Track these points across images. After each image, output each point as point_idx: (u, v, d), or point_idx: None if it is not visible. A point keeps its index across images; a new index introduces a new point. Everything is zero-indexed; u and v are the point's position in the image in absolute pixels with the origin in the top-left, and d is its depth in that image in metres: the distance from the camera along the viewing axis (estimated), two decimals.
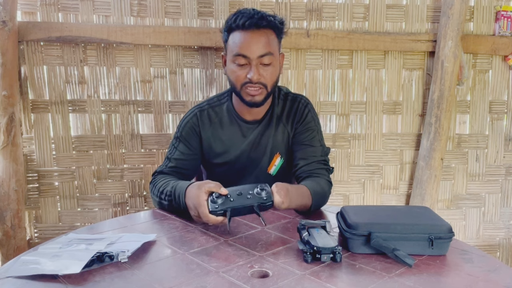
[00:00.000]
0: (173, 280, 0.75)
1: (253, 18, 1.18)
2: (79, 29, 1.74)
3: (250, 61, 1.19)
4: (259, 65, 1.19)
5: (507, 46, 1.98)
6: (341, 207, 1.01)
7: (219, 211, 0.92)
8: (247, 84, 1.20)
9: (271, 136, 1.32)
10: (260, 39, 1.18)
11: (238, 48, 1.19)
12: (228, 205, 0.92)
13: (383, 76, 2.01)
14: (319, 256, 0.83)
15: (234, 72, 1.22)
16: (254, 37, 1.18)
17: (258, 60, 1.19)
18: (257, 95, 1.21)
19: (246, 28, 1.18)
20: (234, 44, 1.20)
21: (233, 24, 1.20)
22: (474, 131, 2.08)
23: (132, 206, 1.94)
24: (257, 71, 1.19)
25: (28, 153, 1.83)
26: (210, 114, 1.33)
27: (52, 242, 0.90)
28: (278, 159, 1.33)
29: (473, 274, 0.79)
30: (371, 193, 2.07)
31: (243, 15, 1.19)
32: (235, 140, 1.32)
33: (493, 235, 2.16)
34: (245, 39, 1.18)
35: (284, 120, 1.33)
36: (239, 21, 1.19)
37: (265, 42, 1.19)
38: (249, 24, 1.17)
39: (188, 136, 1.31)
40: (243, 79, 1.20)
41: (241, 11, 1.22)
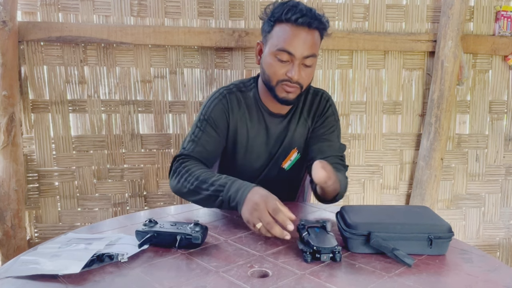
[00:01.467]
0: (173, 280, 0.75)
1: (307, 15, 1.11)
2: (79, 29, 1.74)
3: (294, 59, 1.13)
4: (301, 65, 1.14)
5: (507, 46, 1.98)
6: (341, 207, 1.01)
7: (143, 232, 0.89)
8: (285, 82, 1.15)
9: (292, 131, 1.28)
10: (309, 39, 1.12)
11: (285, 43, 1.12)
12: (153, 229, 0.89)
13: (383, 76, 2.01)
14: (318, 256, 0.83)
15: (272, 66, 1.15)
16: (304, 35, 1.12)
17: (302, 60, 1.13)
18: (291, 92, 1.16)
19: (298, 24, 1.11)
20: (281, 38, 1.13)
21: (284, 16, 1.12)
22: (474, 131, 2.08)
23: (132, 206, 1.94)
24: (299, 71, 1.13)
25: (28, 153, 1.83)
26: (238, 98, 1.26)
27: (51, 242, 0.90)
28: (295, 154, 1.30)
29: (472, 274, 0.79)
30: (371, 193, 2.08)
31: (296, 10, 1.12)
32: (259, 131, 1.27)
33: (493, 235, 2.16)
34: (294, 36, 1.11)
35: (305, 114, 1.29)
36: (291, 15, 1.11)
37: (313, 43, 1.14)
38: (303, 21, 1.10)
39: (216, 118, 1.23)
40: (282, 75, 1.15)
41: (292, 4, 1.14)
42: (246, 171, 1.29)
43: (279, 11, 1.14)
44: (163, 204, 1.96)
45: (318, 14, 1.15)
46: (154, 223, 0.91)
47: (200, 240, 0.88)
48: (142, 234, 0.89)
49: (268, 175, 1.31)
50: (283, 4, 1.15)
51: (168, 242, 0.89)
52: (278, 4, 1.16)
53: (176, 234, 0.88)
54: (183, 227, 0.90)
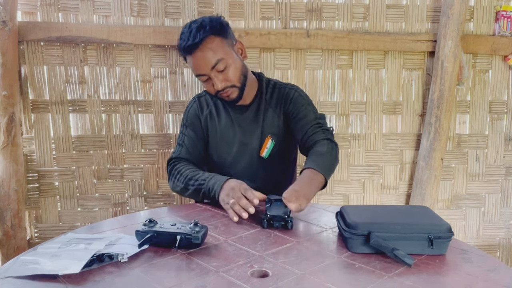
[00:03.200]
0: (173, 280, 0.75)
1: (189, 40, 1.24)
2: (79, 29, 1.74)
3: (209, 75, 1.27)
4: (217, 74, 1.27)
5: (507, 46, 1.98)
6: (341, 207, 1.01)
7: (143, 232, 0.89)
8: (219, 93, 1.30)
9: (260, 120, 1.40)
10: (204, 55, 1.24)
11: (194, 70, 1.30)
12: (153, 229, 0.89)
13: (383, 76, 2.01)
14: (272, 222, 1.02)
15: (205, 87, 1.34)
16: (199, 56, 1.25)
17: (214, 71, 1.26)
18: (230, 94, 1.31)
19: (190, 52, 1.26)
20: (191, 66, 1.31)
21: (181, 51, 1.29)
22: (474, 131, 2.08)
23: (132, 206, 1.94)
24: (218, 81, 1.27)
25: (28, 153, 1.83)
26: (207, 100, 1.45)
27: (51, 242, 0.90)
28: (270, 141, 1.40)
29: (472, 273, 0.79)
30: (371, 193, 2.08)
31: (182, 40, 1.26)
32: (227, 123, 1.42)
33: (493, 235, 2.16)
34: (193, 61, 1.27)
35: (273, 105, 1.41)
36: (181, 47, 1.27)
37: (210, 54, 1.24)
38: (189, 47, 1.24)
39: (192, 121, 1.43)
40: (214, 90, 1.30)
41: (182, 33, 1.28)
42: (225, 163, 1.43)
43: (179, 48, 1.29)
44: (163, 204, 1.96)
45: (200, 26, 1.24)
46: (154, 223, 0.91)
47: (200, 240, 0.88)
48: (142, 234, 0.89)
49: (249, 165, 1.42)
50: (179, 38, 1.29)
51: (168, 242, 0.89)
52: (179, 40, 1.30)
53: (176, 234, 0.88)
54: (183, 227, 0.90)
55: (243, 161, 1.41)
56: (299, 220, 1.10)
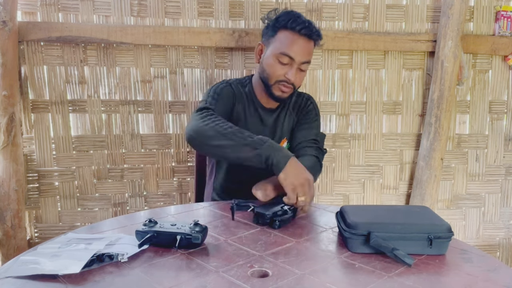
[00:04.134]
0: (173, 280, 0.75)
1: (308, 28, 1.30)
2: (79, 29, 1.74)
3: (293, 63, 1.30)
4: (298, 69, 1.32)
5: (507, 46, 1.98)
6: (341, 206, 1.01)
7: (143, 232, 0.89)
8: (283, 82, 1.32)
9: (280, 123, 1.45)
10: (307, 47, 1.32)
11: (287, 48, 1.29)
12: (153, 229, 0.89)
13: (383, 76, 2.01)
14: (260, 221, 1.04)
15: (273, 66, 1.32)
16: (304, 44, 1.31)
17: (300, 64, 1.31)
18: (286, 92, 1.34)
19: (300, 34, 1.29)
20: (284, 43, 1.30)
21: (289, 25, 1.30)
22: (474, 131, 2.08)
23: (132, 206, 1.94)
24: (295, 73, 1.32)
25: (28, 153, 1.83)
26: (240, 90, 1.43)
27: (51, 242, 0.90)
28: (285, 144, 1.45)
29: (472, 273, 0.79)
30: (371, 193, 2.08)
31: (300, 21, 1.30)
32: (254, 121, 1.43)
33: (493, 235, 2.16)
34: (296, 43, 1.29)
35: (291, 109, 1.48)
36: (296, 25, 1.29)
37: (309, 51, 1.33)
38: (305, 32, 1.29)
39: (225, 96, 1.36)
40: (280, 76, 1.32)
41: (295, 14, 1.32)
42: None
43: (284, 19, 1.31)
44: (163, 204, 1.96)
45: (316, 27, 1.35)
46: (154, 223, 0.91)
47: (200, 240, 0.88)
48: (142, 234, 0.89)
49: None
50: (288, 13, 1.33)
51: (168, 242, 0.89)
52: (283, 13, 1.34)
53: (176, 234, 0.88)
54: (183, 227, 0.90)
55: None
56: (299, 220, 1.10)
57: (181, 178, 1.95)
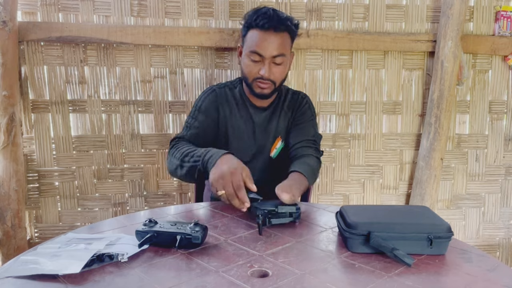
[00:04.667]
0: (173, 280, 0.75)
1: (272, 21, 1.27)
2: (79, 29, 1.74)
3: (264, 59, 1.29)
4: (272, 64, 1.30)
5: (506, 46, 1.98)
6: (341, 206, 1.01)
7: (143, 232, 0.89)
8: (259, 79, 1.32)
9: (275, 122, 1.44)
10: (276, 41, 1.29)
11: (255, 46, 1.29)
12: (153, 229, 0.89)
13: (383, 76, 2.01)
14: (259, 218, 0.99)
15: (248, 66, 1.33)
16: (271, 38, 1.28)
17: (271, 59, 1.30)
18: (265, 88, 1.33)
19: (264, 29, 1.28)
20: (252, 41, 1.30)
21: (253, 23, 1.30)
22: (474, 131, 2.08)
23: (132, 206, 1.94)
24: (269, 69, 1.30)
25: (28, 153, 1.83)
26: (227, 93, 1.44)
27: (51, 242, 0.90)
28: (280, 142, 1.44)
29: (472, 273, 0.79)
30: (371, 193, 2.08)
31: (264, 16, 1.28)
32: (246, 121, 1.43)
33: (493, 235, 2.16)
34: (262, 39, 1.28)
35: (285, 109, 1.46)
36: (259, 21, 1.28)
37: (280, 44, 1.29)
38: (269, 26, 1.27)
39: (207, 108, 1.39)
40: (255, 74, 1.32)
41: (262, 11, 1.31)
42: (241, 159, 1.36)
43: (251, 18, 1.31)
44: (163, 204, 1.96)
45: (286, 18, 1.31)
46: (154, 223, 0.91)
47: (200, 240, 0.88)
48: (142, 234, 0.89)
49: (258, 164, 1.44)
50: (256, 11, 1.32)
51: (168, 242, 0.89)
52: (252, 12, 1.33)
53: (176, 234, 0.88)
54: (183, 227, 0.90)
55: (256, 161, 1.44)
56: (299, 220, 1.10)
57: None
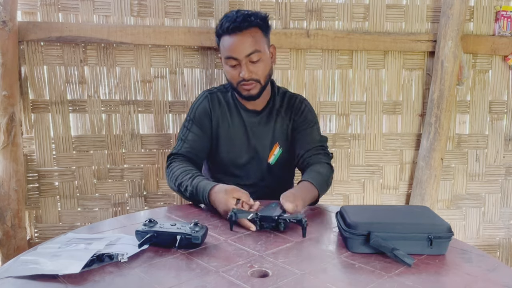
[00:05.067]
0: (173, 280, 0.75)
1: (235, 22, 1.27)
2: (79, 29, 1.74)
3: (240, 61, 1.29)
4: (249, 63, 1.30)
5: (507, 46, 1.98)
6: (341, 206, 1.01)
7: (143, 232, 0.89)
8: (242, 82, 1.31)
9: (271, 127, 1.42)
10: (245, 40, 1.28)
11: (227, 51, 1.30)
12: (153, 229, 0.89)
13: (383, 76, 2.01)
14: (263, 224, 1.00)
15: (228, 72, 1.34)
16: (239, 39, 1.28)
17: (247, 59, 1.29)
18: (251, 89, 1.32)
19: (231, 33, 1.28)
20: (224, 48, 1.31)
21: (220, 30, 1.32)
22: (474, 131, 2.08)
23: (132, 206, 1.94)
24: (247, 69, 1.29)
25: (28, 153, 1.83)
26: (219, 97, 1.44)
27: (51, 242, 0.90)
28: (277, 149, 1.43)
29: (472, 273, 0.79)
30: (371, 193, 2.08)
31: (227, 20, 1.29)
32: (239, 125, 1.42)
33: (493, 235, 2.16)
34: (231, 43, 1.29)
35: (282, 113, 1.44)
36: (224, 26, 1.29)
37: (250, 41, 1.28)
38: (233, 28, 1.27)
39: (200, 117, 1.40)
40: (237, 78, 1.31)
41: (226, 16, 1.32)
42: (234, 165, 1.43)
43: (218, 26, 1.33)
44: (163, 204, 1.96)
45: (249, 14, 1.30)
46: (154, 223, 0.91)
47: (200, 240, 0.88)
48: (142, 234, 0.89)
49: (253, 168, 1.43)
50: (222, 19, 1.33)
51: (168, 242, 0.89)
52: (219, 21, 1.34)
53: (176, 234, 0.88)
54: (183, 227, 0.90)
55: (251, 165, 1.43)
56: None
57: None
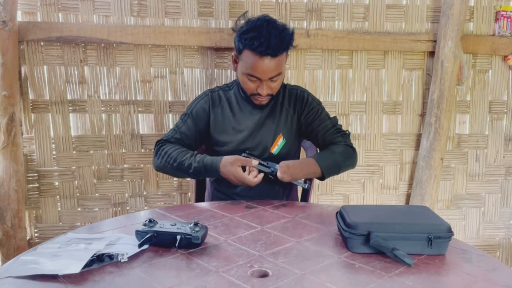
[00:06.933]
0: (173, 280, 0.76)
1: (269, 47, 1.24)
2: (79, 29, 1.74)
3: (262, 80, 1.31)
4: (269, 82, 1.32)
5: (507, 46, 1.98)
6: (341, 206, 1.01)
7: (143, 232, 0.89)
8: (257, 96, 1.35)
9: (275, 119, 1.44)
10: (273, 64, 1.28)
11: (250, 70, 1.29)
12: (153, 229, 0.89)
13: (383, 76, 2.01)
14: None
15: (245, 83, 1.34)
16: (267, 64, 1.27)
17: (268, 79, 1.31)
18: (264, 100, 1.37)
19: (261, 55, 1.25)
20: (249, 63, 1.29)
21: (249, 44, 1.26)
22: (474, 131, 2.08)
23: (132, 206, 1.94)
24: (266, 87, 1.32)
25: (28, 153, 1.83)
26: (220, 95, 1.46)
27: (51, 242, 0.90)
28: (281, 139, 1.44)
29: (472, 273, 0.79)
30: (371, 193, 2.08)
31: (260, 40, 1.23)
32: (242, 119, 1.43)
33: (493, 235, 2.16)
34: (258, 64, 1.27)
35: (286, 105, 1.45)
36: (257, 46, 1.24)
37: (277, 65, 1.29)
38: (266, 53, 1.25)
39: (197, 114, 1.43)
40: (253, 90, 1.34)
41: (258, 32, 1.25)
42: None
43: (246, 39, 1.26)
44: (163, 204, 1.96)
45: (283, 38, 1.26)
46: (154, 223, 0.91)
47: (200, 240, 0.88)
48: (142, 234, 0.89)
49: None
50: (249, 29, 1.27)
51: (168, 242, 0.89)
52: (246, 27, 1.29)
53: (176, 234, 0.88)
54: (183, 227, 0.90)
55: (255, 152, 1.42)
56: (299, 220, 1.10)
57: (181, 178, 1.95)
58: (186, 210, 1.20)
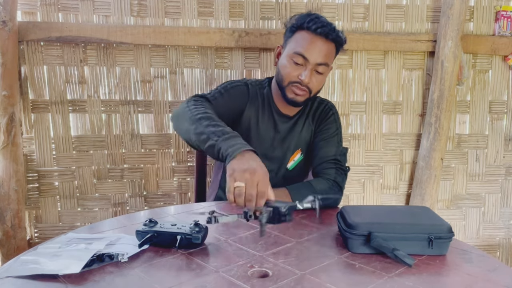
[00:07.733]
0: (173, 280, 0.75)
1: (326, 27, 1.23)
2: (79, 29, 1.74)
3: (307, 64, 1.24)
4: (313, 71, 1.25)
5: (507, 46, 1.98)
6: (341, 207, 1.01)
7: (143, 232, 0.89)
8: (296, 84, 1.26)
9: (297, 133, 1.38)
10: (324, 48, 1.24)
11: (301, 48, 1.24)
12: (153, 229, 0.89)
13: (383, 76, 2.01)
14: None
15: (287, 67, 1.26)
16: (320, 44, 1.24)
17: (315, 66, 1.25)
18: (300, 95, 1.27)
19: (316, 33, 1.23)
20: (299, 43, 1.25)
21: (305, 25, 1.25)
22: (474, 131, 2.08)
23: (132, 206, 1.94)
24: (310, 75, 1.24)
25: (28, 153, 1.83)
26: (257, 92, 1.38)
27: (51, 241, 0.90)
28: (298, 155, 1.39)
29: (472, 274, 0.79)
30: (371, 193, 2.08)
31: (318, 21, 1.25)
32: (268, 126, 1.37)
33: (493, 235, 2.16)
34: (311, 43, 1.23)
35: (310, 119, 1.40)
36: (312, 24, 1.24)
37: (327, 52, 1.26)
38: (321, 31, 1.23)
39: (236, 95, 1.32)
40: (294, 77, 1.25)
41: (315, 16, 1.27)
42: None
43: (302, 20, 1.26)
44: (163, 204, 1.96)
45: (337, 29, 1.28)
46: (154, 223, 0.91)
47: (200, 240, 0.88)
48: (142, 234, 0.89)
49: (274, 172, 1.37)
50: (308, 14, 1.28)
51: (168, 242, 0.89)
52: (303, 14, 1.29)
53: (176, 234, 0.88)
54: (183, 227, 0.90)
55: (271, 166, 1.35)
56: (299, 220, 1.10)
57: (181, 178, 1.95)
58: (186, 210, 1.20)
